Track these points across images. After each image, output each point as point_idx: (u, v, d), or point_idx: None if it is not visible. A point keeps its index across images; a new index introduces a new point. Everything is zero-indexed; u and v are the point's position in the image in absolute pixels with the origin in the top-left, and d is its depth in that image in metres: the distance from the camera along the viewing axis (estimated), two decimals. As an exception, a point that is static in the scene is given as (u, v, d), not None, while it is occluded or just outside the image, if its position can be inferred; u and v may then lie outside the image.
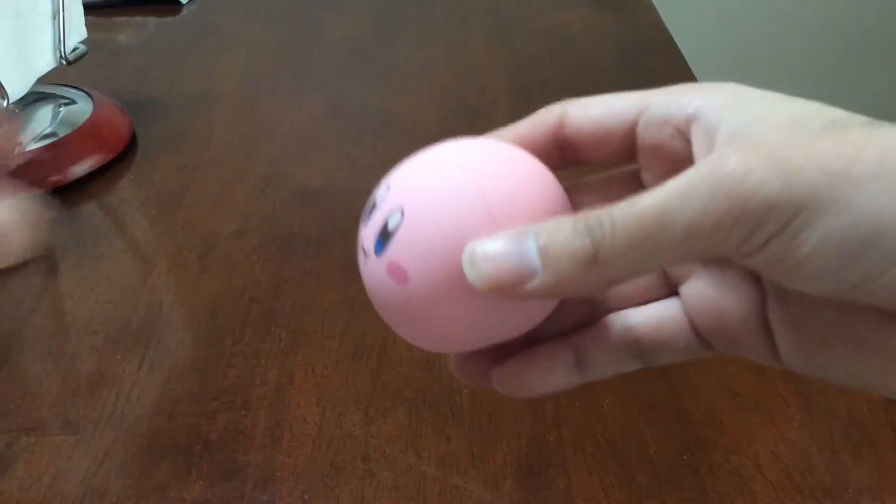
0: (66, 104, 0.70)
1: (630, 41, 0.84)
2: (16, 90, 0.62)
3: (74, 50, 0.68)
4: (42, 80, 0.66)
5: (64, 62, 0.67)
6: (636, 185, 0.27)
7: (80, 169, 0.64)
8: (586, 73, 0.78)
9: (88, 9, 0.72)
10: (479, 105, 0.72)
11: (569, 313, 0.26)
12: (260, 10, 0.94)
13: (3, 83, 0.60)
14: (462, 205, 0.23)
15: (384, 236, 0.23)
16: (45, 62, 0.66)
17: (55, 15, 0.66)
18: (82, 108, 0.69)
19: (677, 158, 0.24)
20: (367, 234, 0.24)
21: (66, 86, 0.72)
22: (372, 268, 0.24)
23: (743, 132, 0.22)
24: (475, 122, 0.69)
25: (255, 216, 0.60)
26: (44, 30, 0.65)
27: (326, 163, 0.65)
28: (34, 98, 0.69)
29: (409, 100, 0.74)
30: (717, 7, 1.71)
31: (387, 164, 0.25)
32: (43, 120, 0.68)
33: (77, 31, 0.68)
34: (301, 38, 0.87)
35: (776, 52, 1.76)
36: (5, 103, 0.61)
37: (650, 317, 0.25)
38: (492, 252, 0.21)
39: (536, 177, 0.24)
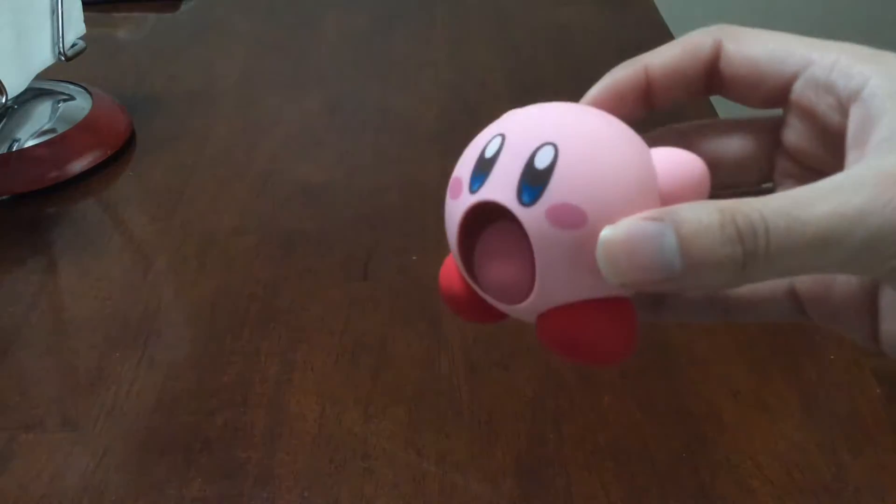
0: (64, 100, 0.69)
1: (630, 38, 0.84)
2: (14, 86, 0.62)
3: (73, 46, 0.68)
4: (40, 77, 0.66)
5: (62, 58, 0.67)
6: (764, 136, 0.25)
7: (79, 165, 0.64)
8: (586, 69, 0.78)
9: (87, 5, 0.71)
10: (479, 102, 0.72)
11: None
12: (259, 5, 0.94)
13: (1, 79, 0.60)
14: (618, 138, 0.21)
15: (533, 178, 0.20)
16: (44, 58, 0.66)
17: (54, 11, 0.66)
18: (81, 105, 0.68)
19: (830, 131, 0.22)
20: (494, 189, 0.20)
21: (65, 82, 0.72)
22: (513, 226, 0.20)
23: None
24: (475, 118, 0.69)
25: (254, 213, 0.60)
26: (42, 26, 0.65)
27: (326, 159, 0.65)
28: (33, 94, 0.69)
29: (409, 96, 0.74)
30: (717, 5, 1.71)
31: (387, 161, 0.24)
32: (41, 116, 0.68)
33: (76, 27, 0.68)
34: (300, 34, 0.87)
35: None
36: (3, 99, 0.61)
37: None
38: (629, 247, 0.19)
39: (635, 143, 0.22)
